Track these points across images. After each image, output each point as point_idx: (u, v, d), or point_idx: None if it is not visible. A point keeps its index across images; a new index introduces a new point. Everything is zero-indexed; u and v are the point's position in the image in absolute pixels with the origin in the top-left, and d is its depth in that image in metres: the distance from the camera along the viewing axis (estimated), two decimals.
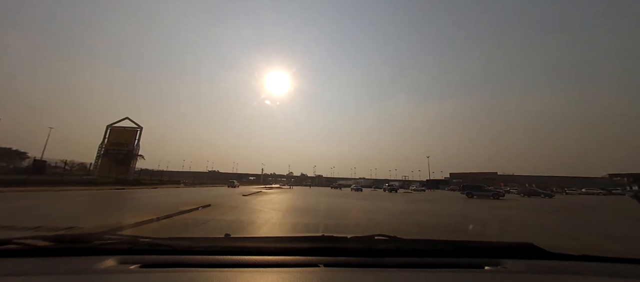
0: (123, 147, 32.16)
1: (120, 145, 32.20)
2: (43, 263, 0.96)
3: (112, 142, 32.18)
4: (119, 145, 32.15)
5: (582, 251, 1.17)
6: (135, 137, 32.97)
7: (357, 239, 1.25)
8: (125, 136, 32.80)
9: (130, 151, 32.28)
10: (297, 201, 15.11)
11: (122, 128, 33.17)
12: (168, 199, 13.51)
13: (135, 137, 32.95)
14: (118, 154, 31.65)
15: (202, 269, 0.93)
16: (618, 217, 11.61)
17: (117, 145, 32.10)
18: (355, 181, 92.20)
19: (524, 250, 1.18)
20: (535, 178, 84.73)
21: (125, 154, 31.94)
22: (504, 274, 1.01)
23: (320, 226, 6.51)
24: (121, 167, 31.15)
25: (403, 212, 11.16)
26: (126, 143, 32.50)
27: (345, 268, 1.00)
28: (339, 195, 25.33)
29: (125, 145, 32.37)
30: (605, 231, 7.69)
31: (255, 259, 1.04)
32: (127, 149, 32.21)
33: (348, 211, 10.83)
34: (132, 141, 32.77)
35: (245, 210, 9.92)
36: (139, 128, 33.40)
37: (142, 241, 1.13)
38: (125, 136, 32.80)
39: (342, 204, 14.26)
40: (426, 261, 1.08)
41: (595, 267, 1.10)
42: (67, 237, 1.18)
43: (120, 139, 32.45)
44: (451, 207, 14.00)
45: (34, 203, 9.26)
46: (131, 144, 32.61)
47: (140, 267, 0.94)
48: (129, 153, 32.19)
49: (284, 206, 11.96)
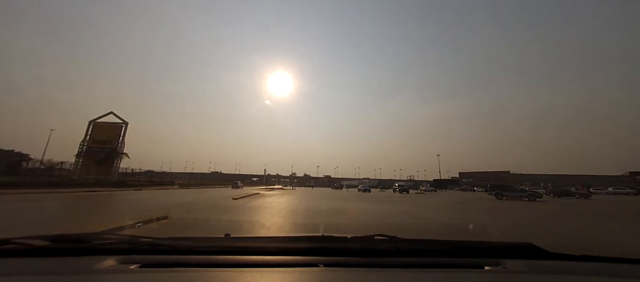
0: (106, 145, 28.97)
1: (103, 142, 28.98)
2: (43, 263, 0.95)
3: (95, 139, 28.90)
4: (102, 142, 28.94)
5: None
6: (120, 134, 29.76)
7: (357, 239, 1.24)
8: (109, 132, 29.52)
9: (113, 148, 29.07)
10: (299, 206, 11.91)
11: (106, 124, 29.96)
12: (119, 206, 10.38)
13: (120, 134, 29.75)
14: (100, 152, 28.45)
15: (203, 269, 0.92)
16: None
17: (100, 142, 28.87)
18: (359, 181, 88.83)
19: (524, 250, 1.16)
20: (550, 177, 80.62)
21: (108, 152, 28.68)
22: (504, 274, 1.01)
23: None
24: (103, 166, 28.01)
25: (450, 225, 7.79)
26: (110, 140, 29.25)
27: (345, 268, 0.99)
28: (347, 198, 21.93)
29: (108, 142, 29.15)
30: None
31: (255, 259, 1.03)
32: (110, 147, 29.02)
33: (370, 225, 7.50)
34: (117, 138, 29.58)
35: (218, 227, 6.51)
36: (124, 124, 30.16)
37: (142, 241, 1.13)
38: (109, 132, 29.52)
39: (360, 211, 10.99)
40: (426, 261, 1.07)
41: (595, 267, 1.09)
42: (67, 237, 1.16)
43: (104, 135, 29.19)
44: (503, 216, 10.59)
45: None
46: (115, 141, 29.42)
47: (140, 267, 0.93)
48: (112, 151, 28.97)
49: (282, 217, 8.68)
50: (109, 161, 28.55)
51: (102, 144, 28.85)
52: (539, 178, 77.79)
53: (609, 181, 69.05)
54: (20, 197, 11.40)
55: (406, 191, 35.81)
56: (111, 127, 29.82)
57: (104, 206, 9.95)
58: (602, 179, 71.70)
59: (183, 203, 11.84)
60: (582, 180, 69.65)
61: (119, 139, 29.56)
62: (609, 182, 64.79)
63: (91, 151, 28.32)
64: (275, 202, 14.07)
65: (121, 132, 29.84)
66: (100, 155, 28.24)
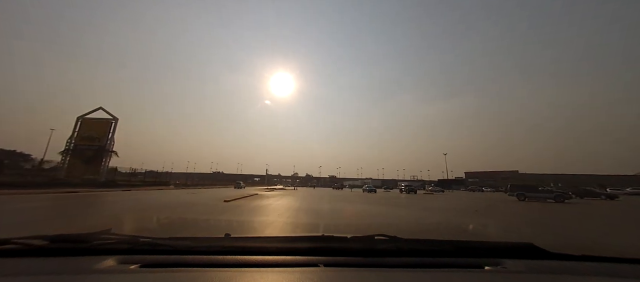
0: (95, 142, 27.23)
1: (91, 139, 27.25)
2: (43, 263, 0.95)
3: (83, 136, 27.20)
4: (90, 139, 27.20)
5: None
6: (110, 130, 28.01)
7: (357, 239, 1.24)
8: (98, 129, 27.77)
9: (102, 146, 27.30)
10: (299, 211, 9.98)
11: (95, 120, 28.20)
12: (74, 212, 8.55)
13: (109, 130, 28.00)
14: (87, 150, 26.69)
15: (203, 269, 0.92)
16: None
17: (88, 139, 27.14)
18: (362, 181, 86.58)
19: (524, 250, 1.16)
20: (560, 176, 77.91)
21: (96, 150, 26.91)
22: (504, 274, 1.00)
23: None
24: (91, 165, 26.24)
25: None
26: (99, 137, 27.53)
27: (345, 268, 0.99)
28: (354, 200, 19.96)
29: (97, 139, 27.41)
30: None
31: (255, 259, 1.03)
32: (98, 144, 27.26)
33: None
34: (106, 135, 27.83)
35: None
36: (114, 119, 28.37)
37: (142, 241, 1.13)
38: (98, 129, 27.77)
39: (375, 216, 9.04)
40: (426, 261, 1.07)
41: (595, 267, 1.08)
42: (67, 237, 1.16)
43: (92, 132, 27.45)
44: (548, 225, 8.57)
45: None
46: (104, 138, 27.66)
47: (140, 267, 0.93)
48: (100, 149, 27.20)
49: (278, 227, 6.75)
50: (97, 159, 26.79)
51: (90, 142, 27.13)
52: (548, 178, 74.99)
53: (624, 180, 66.36)
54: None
55: (414, 192, 33.73)
56: (100, 124, 28.08)
57: (54, 212, 8.07)
58: (616, 179, 68.98)
59: (159, 206, 9.96)
60: (594, 180, 67.00)
61: (108, 135, 27.83)
62: (624, 182, 62.13)
63: (78, 149, 26.60)
64: (275, 205, 12.16)
65: (111, 129, 28.10)
66: (87, 153, 26.50)
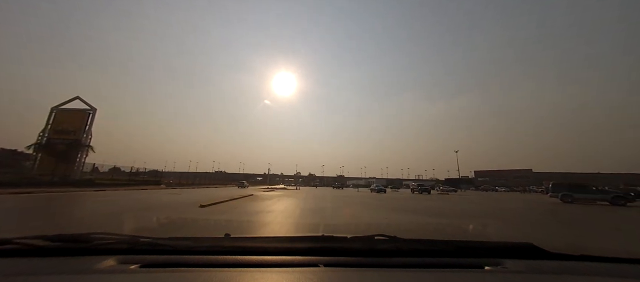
0: (70, 135, 24.15)
1: (66, 133, 24.14)
2: (43, 263, 0.94)
3: (56, 129, 24.09)
4: (64, 132, 24.07)
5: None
6: (87, 122, 24.91)
7: (357, 239, 1.23)
8: (74, 121, 24.66)
9: (77, 139, 24.20)
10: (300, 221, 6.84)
11: (70, 110, 25.11)
12: None
13: (86, 122, 24.90)
14: (61, 144, 23.59)
15: (203, 269, 0.92)
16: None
17: (62, 132, 24.02)
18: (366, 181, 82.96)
19: (524, 250, 1.15)
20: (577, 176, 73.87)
21: (69, 144, 23.77)
22: (504, 274, 0.99)
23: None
24: (64, 161, 23.12)
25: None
26: (74, 130, 24.44)
27: (345, 268, 0.99)
28: (367, 203, 16.68)
29: (72, 132, 24.30)
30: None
31: (255, 259, 1.02)
32: (74, 138, 24.17)
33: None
34: (82, 127, 24.74)
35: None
36: (92, 110, 25.28)
37: (142, 241, 1.12)
38: (74, 121, 24.66)
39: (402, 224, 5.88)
40: (426, 261, 1.06)
41: (595, 267, 1.07)
42: (67, 237, 1.14)
43: (67, 124, 24.34)
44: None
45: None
46: (80, 131, 24.58)
47: (140, 267, 0.93)
48: (74, 142, 24.09)
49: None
50: (71, 154, 23.68)
51: (64, 135, 24.01)
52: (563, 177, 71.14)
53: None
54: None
55: (427, 192, 30.38)
56: (76, 115, 24.96)
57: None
58: (634, 178, 64.96)
59: (103, 213, 6.82)
60: (622, 179, 62.96)
61: (85, 128, 24.74)
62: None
63: (51, 143, 23.54)
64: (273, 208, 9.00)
65: (88, 121, 24.97)
66: (59, 147, 23.41)
